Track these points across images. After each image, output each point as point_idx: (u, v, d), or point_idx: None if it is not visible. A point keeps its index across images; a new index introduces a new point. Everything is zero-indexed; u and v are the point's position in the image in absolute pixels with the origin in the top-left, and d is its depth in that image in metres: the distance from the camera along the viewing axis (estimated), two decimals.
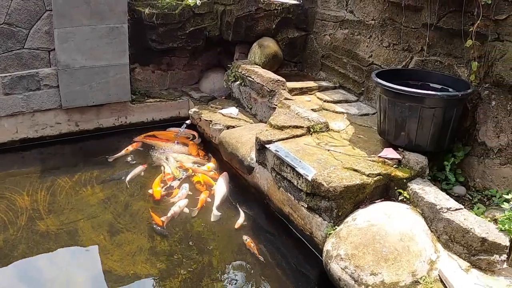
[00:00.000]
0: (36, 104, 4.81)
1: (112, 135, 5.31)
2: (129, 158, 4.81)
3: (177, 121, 5.60)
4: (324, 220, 3.29)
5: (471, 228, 2.88)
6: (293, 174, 3.49)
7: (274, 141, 3.79)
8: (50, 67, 4.80)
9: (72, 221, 3.82)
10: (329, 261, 2.99)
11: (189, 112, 5.25)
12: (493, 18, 3.40)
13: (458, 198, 3.63)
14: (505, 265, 2.85)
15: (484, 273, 2.85)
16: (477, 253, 2.85)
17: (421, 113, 3.42)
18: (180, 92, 5.86)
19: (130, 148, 4.94)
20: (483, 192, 3.68)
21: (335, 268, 2.93)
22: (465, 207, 3.43)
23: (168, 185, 4.29)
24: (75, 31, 4.68)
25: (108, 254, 3.45)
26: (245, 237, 3.69)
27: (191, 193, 4.27)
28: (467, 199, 3.67)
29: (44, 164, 4.76)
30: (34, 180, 4.37)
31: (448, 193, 3.61)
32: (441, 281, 2.83)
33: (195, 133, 5.25)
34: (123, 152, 4.86)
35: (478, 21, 3.42)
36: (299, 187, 3.44)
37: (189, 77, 6.03)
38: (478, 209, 3.44)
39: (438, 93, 3.38)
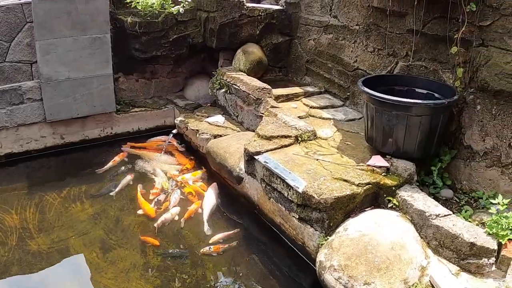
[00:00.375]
0: (20, 118, 4.74)
1: (98, 147, 5.28)
2: (122, 168, 4.80)
3: (163, 130, 5.60)
4: (316, 230, 3.32)
5: (460, 234, 2.95)
6: (283, 185, 3.51)
7: (263, 152, 3.80)
8: (33, 80, 4.74)
9: (63, 239, 3.79)
10: (323, 272, 3.03)
11: (175, 121, 5.23)
12: (477, 24, 3.47)
13: (445, 201, 3.72)
14: (493, 268, 2.92)
15: (473, 276, 2.92)
16: (466, 257, 2.93)
17: (408, 121, 3.47)
18: (165, 100, 5.83)
19: (117, 159, 4.93)
20: (470, 194, 3.76)
21: (329, 278, 2.97)
22: (453, 210, 3.56)
23: (155, 200, 4.28)
24: (57, 43, 4.63)
25: (102, 272, 3.44)
26: (206, 248, 3.71)
27: (183, 197, 4.32)
28: (454, 201, 3.76)
29: (31, 179, 4.70)
30: (22, 197, 4.32)
31: (435, 197, 3.71)
32: (433, 286, 2.89)
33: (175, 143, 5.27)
34: (110, 163, 4.84)
35: (463, 28, 3.48)
36: (290, 198, 3.47)
37: (173, 84, 6.01)
38: (466, 211, 3.52)
39: (425, 102, 3.42)
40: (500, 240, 2.91)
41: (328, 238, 3.24)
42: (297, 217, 3.45)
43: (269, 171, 3.64)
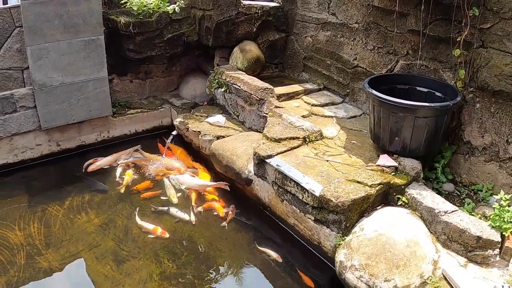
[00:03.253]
0: (14, 128, 4.79)
1: (95, 151, 5.35)
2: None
3: (160, 131, 5.77)
4: (332, 231, 3.61)
5: (467, 228, 3.30)
6: (297, 188, 3.79)
7: (274, 155, 4.06)
8: (25, 87, 4.78)
9: (73, 253, 3.88)
10: (344, 271, 3.34)
11: (175, 122, 5.39)
12: (478, 26, 3.75)
13: (448, 195, 4.07)
14: (497, 258, 3.31)
15: (480, 267, 3.29)
16: (473, 249, 3.29)
17: (415, 122, 3.78)
18: (161, 100, 5.96)
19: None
20: (470, 187, 4.13)
21: (351, 277, 3.28)
22: (455, 203, 3.90)
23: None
24: (49, 47, 4.67)
25: (119, 285, 3.56)
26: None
27: None
28: (455, 194, 4.12)
29: (30, 190, 4.74)
30: (23, 211, 4.37)
31: (438, 191, 4.06)
32: (445, 278, 3.25)
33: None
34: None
35: (466, 31, 3.77)
36: (305, 200, 3.74)
37: (168, 83, 6.14)
38: (468, 205, 3.88)
39: (432, 104, 3.73)
40: (503, 233, 3.29)
41: (345, 238, 3.54)
42: (313, 218, 3.73)
43: (282, 174, 3.90)
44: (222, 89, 5.37)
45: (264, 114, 4.78)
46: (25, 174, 4.97)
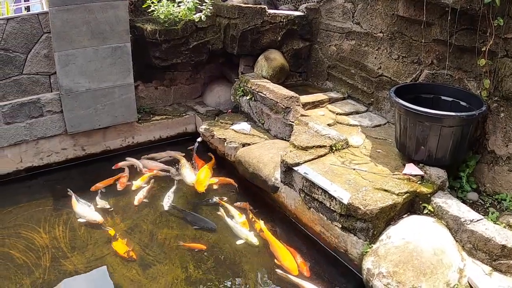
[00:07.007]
0: (40, 132, 5.03)
1: (120, 156, 5.57)
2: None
3: (184, 137, 6.00)
4: (360, 239, 3.78)
5: (492, 237, 3.46)
6: (324, 196, 3.98)
7: (301, 163, 4.25)
8: (52, 92, 5.03)
9: (99, 257, 4.04)
10: (371, 279, 3.52)
11: (200, 129, 5.62)
12: (503, 36, 3.92)
13: (472, 204, 4.22)
14: None
15: (504, 275, 3.44)
16: (497, 258, 3.44)
17: (441, 132, 3.96)
18: (185, 107, 6.21)
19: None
20: (494, 197, 4.28)
21: (378, 285, 3.45)
22: (479, 212, 4.06)
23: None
24: (76, 53, 4.92)
25: None
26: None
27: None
28: (479, 204, 4.27)
29: (54, 194, 4.95)
30: (48, 214, 4.57)
31: (463, 200, 4.21)
32: (471, 287, 3.41)
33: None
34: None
35: (491, 41, 3.94)
36: (332, 208, 3.92)
37: (192, 91, 6.40)
38: (492, 214, 4.04)
39: (458, 114, 3.91)
40: None
41: (372, 246, 3.72)
42: (340, 226, 3.91)
43: (309, 182, 4.09)
44: (247, 97, 5.60)
45: (290, 122, 4.99)
46: (50, 177, 5.20)
